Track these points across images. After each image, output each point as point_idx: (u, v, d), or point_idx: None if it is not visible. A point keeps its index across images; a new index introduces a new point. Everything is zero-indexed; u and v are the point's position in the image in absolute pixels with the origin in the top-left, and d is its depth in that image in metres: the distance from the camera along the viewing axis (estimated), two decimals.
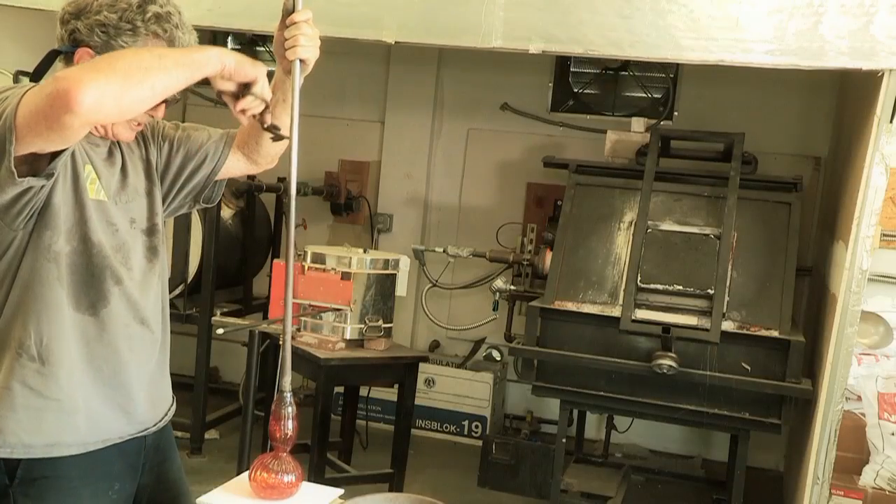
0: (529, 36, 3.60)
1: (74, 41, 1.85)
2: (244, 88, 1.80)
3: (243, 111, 1.81)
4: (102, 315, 1.90)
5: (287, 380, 1.87)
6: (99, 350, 1.91)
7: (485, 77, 6.03)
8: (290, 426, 1.86)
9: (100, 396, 1.92)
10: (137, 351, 1.98)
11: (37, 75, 1.89)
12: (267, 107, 1.83)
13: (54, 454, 1.85)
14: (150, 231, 2.04)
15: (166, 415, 2.12)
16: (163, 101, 1.89)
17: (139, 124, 1.96)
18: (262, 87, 1.80)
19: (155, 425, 2.06)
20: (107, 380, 1.92)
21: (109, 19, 1.83)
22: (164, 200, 2.12)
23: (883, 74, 3.33)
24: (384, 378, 4.66)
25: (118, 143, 1.99)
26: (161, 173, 2.11)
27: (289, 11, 1.89)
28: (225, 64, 1.73)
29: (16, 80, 4.59)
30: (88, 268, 1.88)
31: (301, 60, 1.87)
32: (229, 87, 1.79)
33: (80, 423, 1.88)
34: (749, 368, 3.88)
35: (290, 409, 1.86)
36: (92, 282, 1.89)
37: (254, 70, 1.78)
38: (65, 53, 1.87)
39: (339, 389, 5.07)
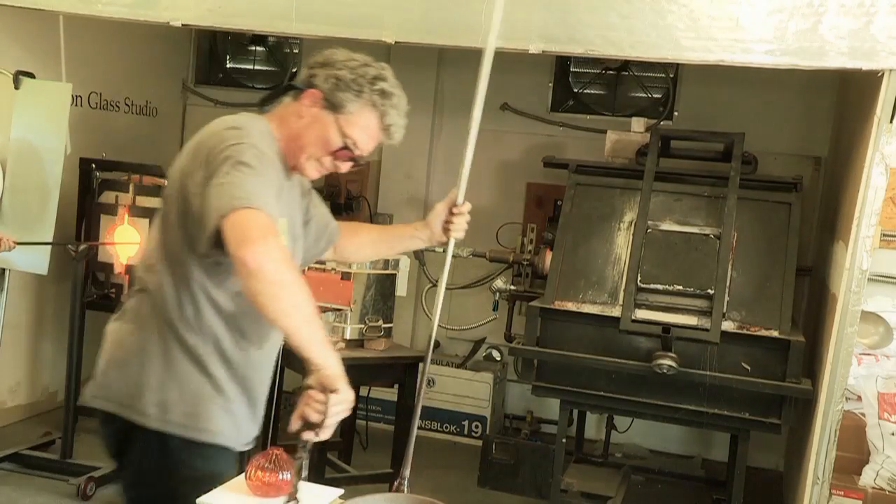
0: (529, 36, 3.60)
1: (309, 83, 2.13)
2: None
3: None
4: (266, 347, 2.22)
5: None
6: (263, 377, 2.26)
7: None
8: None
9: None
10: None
11: (265, 101, 2.20)
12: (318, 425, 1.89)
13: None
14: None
15: None
16: (349, 160, 2.16)
17: (325, 168, 2.18)
18: (338, 405, 1.86)
19: None
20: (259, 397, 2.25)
21: (343, 76, 2.10)
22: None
23: (883, 74, 3.33)
24: (384, 378, 4.66)
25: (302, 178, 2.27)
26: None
27: (454, 202, 2.42)
28: (324, 367, 1.85)
29: (16, 80, 4.59)
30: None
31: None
32: (314, 383, 1.88)
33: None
34: (749, 368, 3.88)
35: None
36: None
37: (344, 389, 1.86)
38: (297, 90, 2.15)
39: None
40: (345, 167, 2.18)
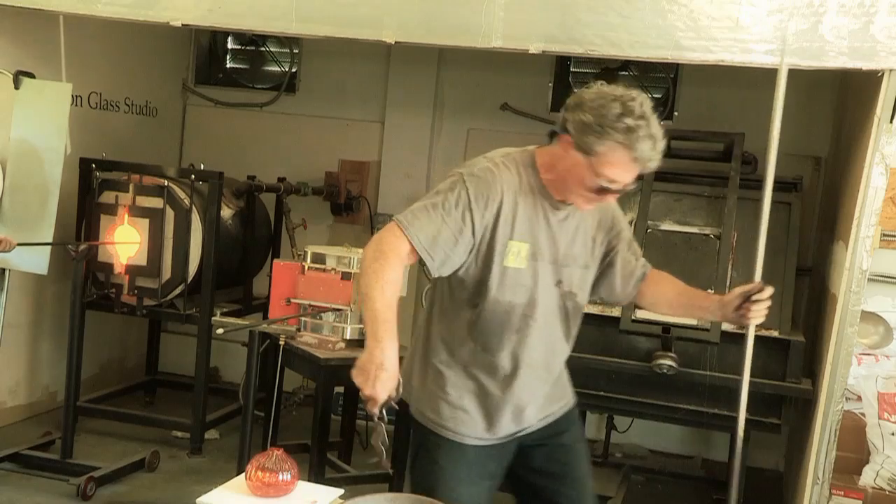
0: (529, 36, 3.60)
1: (563, 128, 2.25)
2: None
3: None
4: None
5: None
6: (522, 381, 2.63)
7: (485, 77, 6.02)
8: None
9: None
10: None
11: (550, 137, 2.36)
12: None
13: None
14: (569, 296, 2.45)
15: None
16: (612, 192, 2.24)
17: (592, 199, 2.28)
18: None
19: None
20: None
21: (586, 119, 2.16)
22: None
23: (883, 74, 3.33)
24: None
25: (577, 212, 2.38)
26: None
27: (752, 289, 2.38)
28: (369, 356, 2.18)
29: (16, 80, 4.59)
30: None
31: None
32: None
33: None
34: None
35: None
36: None
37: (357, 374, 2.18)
38: (557, 134, 2.28)
39: (340, 389, 5.06)
40: (611, 198, 2.30)
